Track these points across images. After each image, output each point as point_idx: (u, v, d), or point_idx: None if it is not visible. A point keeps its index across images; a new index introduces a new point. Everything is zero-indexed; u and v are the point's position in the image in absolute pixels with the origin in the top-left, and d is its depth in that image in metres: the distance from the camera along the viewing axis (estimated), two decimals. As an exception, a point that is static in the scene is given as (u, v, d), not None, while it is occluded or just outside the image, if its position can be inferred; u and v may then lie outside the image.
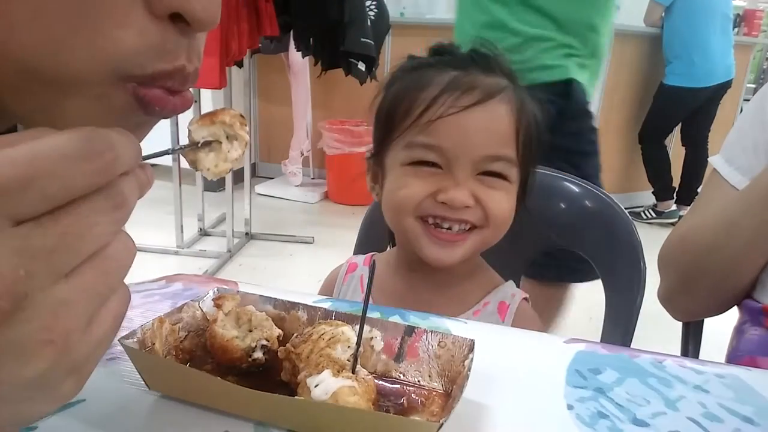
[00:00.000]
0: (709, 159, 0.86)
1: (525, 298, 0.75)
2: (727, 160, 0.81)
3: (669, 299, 0.86)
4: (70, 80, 0.30)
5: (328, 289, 0.82)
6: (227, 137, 0.35)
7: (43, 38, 0.29)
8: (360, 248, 0.99)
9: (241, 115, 0.35)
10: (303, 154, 3.91)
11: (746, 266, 0.76)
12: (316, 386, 0.39)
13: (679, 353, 0.94)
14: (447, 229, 0.67)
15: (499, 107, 0.66)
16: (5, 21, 0.28)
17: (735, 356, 0.78)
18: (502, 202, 0.67)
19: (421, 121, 0.65)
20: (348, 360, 0.42)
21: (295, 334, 0.47)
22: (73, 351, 0.25)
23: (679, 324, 0.94)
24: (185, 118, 0.40)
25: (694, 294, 0.83)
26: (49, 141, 0.23)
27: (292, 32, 2.61)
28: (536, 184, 0.74)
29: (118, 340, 0.42)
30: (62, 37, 0.29)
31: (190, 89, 0.35)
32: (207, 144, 0.34)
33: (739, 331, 0.80)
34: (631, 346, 0.80)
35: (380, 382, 0.47)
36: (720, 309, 0.82)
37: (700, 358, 0.82)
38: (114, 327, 0.27)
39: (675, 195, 3.73)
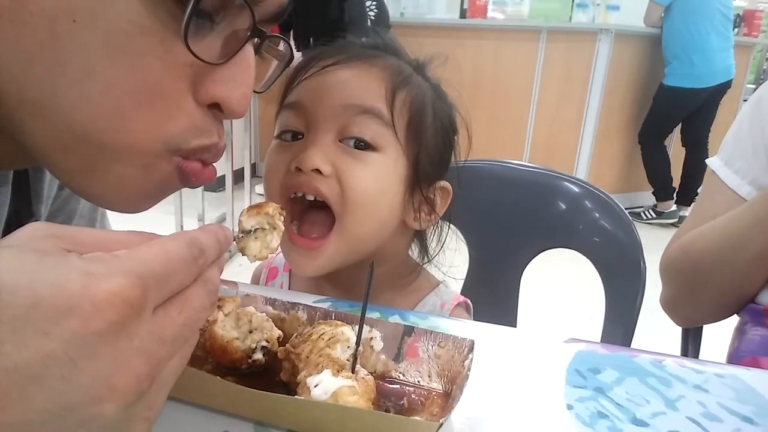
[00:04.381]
0: (706, 161, 0.85)
1: (460, 303, 0.69)
2: (726, 163, 0.81)
3: (672, 307, 0.86)
4: (125, 149, 0.36)
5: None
6: (269, 226, 0.41)
7: (110, 111, 0.34)
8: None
9: (282, 207, 0.43)
10: (303, 154, 3.90)
11: (753, 279, 0.75)
12: (315, 386, 0.39)
13: (679, 353, 0.94)
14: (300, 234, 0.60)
15: (370, 69, 0.61)
16: (78, 90, 0.32)
17: (737, 356, 0.78)
18: (365, 175, 0.58)
19: (290, 90, 0.63)
20: (348, 360, 0.42)
21: (294, 334, 0.47)
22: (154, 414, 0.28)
23: (679, 324, 0.94)
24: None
25: (697, 304, 0.82)
26: (170, 246, 0.28)
27: (292, 32, 2.60)
28: (455, 176, 0.67)
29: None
30: (128, 113, 0.34)
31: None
32: (255, 231, 0.41)
33: (740, 332, 0.80)
34: (631, 346, 0.80)
35: (380, 382, 0.47)
36: (723, 316, 0.82)
37: (699, 358, 0.82)
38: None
39: (675, 195, 3.73)
